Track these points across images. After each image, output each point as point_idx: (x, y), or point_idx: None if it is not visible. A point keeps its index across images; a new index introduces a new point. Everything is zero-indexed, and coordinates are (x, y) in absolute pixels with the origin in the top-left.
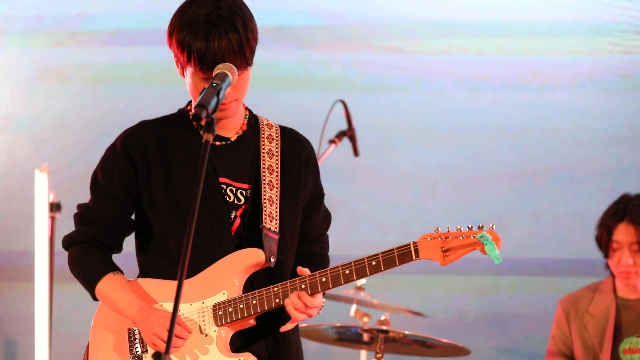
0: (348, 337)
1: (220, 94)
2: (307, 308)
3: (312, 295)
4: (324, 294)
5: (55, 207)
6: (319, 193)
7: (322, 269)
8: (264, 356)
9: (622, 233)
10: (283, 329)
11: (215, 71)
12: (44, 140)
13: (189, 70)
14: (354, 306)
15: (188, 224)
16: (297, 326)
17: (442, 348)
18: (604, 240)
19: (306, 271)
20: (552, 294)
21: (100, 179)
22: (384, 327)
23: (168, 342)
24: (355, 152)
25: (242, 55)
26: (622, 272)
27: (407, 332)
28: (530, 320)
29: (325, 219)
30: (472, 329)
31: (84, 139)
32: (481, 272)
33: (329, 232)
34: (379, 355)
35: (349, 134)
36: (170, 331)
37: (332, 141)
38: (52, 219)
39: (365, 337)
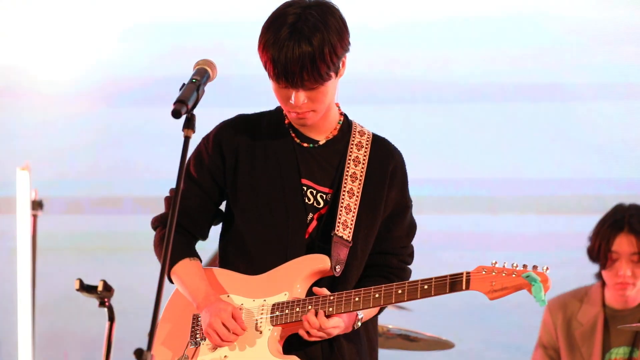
0: None
1: (199, 90)
2: (320, 329)
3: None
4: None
5: (37, 205)
6: (404, 205)
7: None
8: (316, 359)
9: (622, 243)
10: (302, 333)
11: (195, 66)
12: (26, 137)
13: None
14: None
15: (170, 217)
16: (362, 333)
17: (426, 342)
18: (602, 250)
19: (323, 291)
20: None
21: (192, 167)
22: None
23: (150, 338)
24: None
25: (316, 71)
26: (619, 283)
27: (390, 326)
28: (515, 313)
29: (409, 231)
30: (456, 322)
31: (66, 135)
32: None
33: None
34: None
35: None
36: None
37: None
38: (34, 217)
39: None
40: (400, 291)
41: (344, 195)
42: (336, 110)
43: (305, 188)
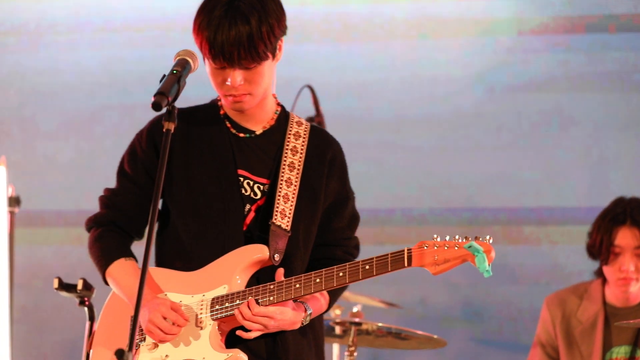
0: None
1: (180, 81)
2: (253, 316)
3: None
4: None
5: (14, 201)
6: (345, 195)
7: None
8: (261, 355)
9: (625, 236)
10: (240, 333)
11: (176, 57)
12: (1, 132)
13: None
14: None
15: (151, 213)
16: (307, 330)
17: (417, 340)
18: (605, 245)
19: (281, 275)
20: (531, 282)
21: (126, 164)
22: (357, 319)
23: (131, 339)
24: None
25: (253, 49)
26: (622, 278)
27: (380, 324)
28: (509, 310)
29: (351, 222)
30: (448, 320)
31: (43, 130)
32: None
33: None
34: (352, 348)
35: (317, 120)
36: (133, 330)
37: None
38: (11, 213)
39: (338, 329)
40: (341, 273)
41: (281, 184)
42: (273, 100)
43: (241, 179)
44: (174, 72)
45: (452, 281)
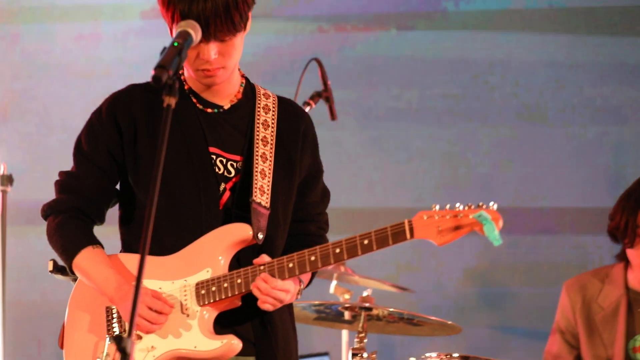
0: (328, 315)
1: (182, 54)
2: (272, 290)
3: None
4: (310, 280)
5: (6, 179)
6: (317, 169)
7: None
8: (249, 339)
9: None
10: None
11: (177, 29)
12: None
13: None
14: (334, 282)
15: (149, 197)
16: (287, 311)
17: (430, 326)
18: (629, 227)
19: (264, 259)
20: (550, 267)
21: (84, 144)
22: (367, 304)
23: (131, 324)
24: (332, 116)
25: (230, 20)
26: None
27: (392, 309)
28: (527, 295)
29: (324, 197)
30: (463, 305)
31: (36, 108)
32: (473, 243)
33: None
34: (362, 334)
35: (324, 95)
36: (133, 313)
37: (306, 103)
38: (4, 192)
39: (347, 315)
40: (338, 250)
41: (257, 160)
42: (238, 72)
43: (214, 157)
44: (175, 44)
45: (468, 265)
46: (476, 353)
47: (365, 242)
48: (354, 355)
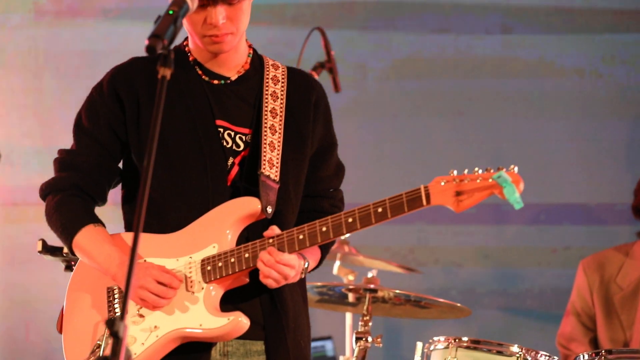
0: (331, 297)
1: (177, 23)
2: (277, 264)
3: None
4: (320, 262)
5: None
6: (330, 142)
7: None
8: (257, 319)
9: None
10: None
11: None
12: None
13: None
14: (337, 262)
15: (144, 171)
16: (299, 291)
17: (439, 308)
18: None
19: (274, 231)
20: (565, 245)
21: (85, 120)
22: (372, 286)
23: (123, 306)
24: (336, 88)
25: None
26: None
27: (398, 291)
28: (541, 276)
29: (338, 171)
30: (473, 286)
31: (27, 81)
32: (483, 220)
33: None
34: (367, 317)
35: (327, 66)
36: (126, 295)
37: None
38: None
39: (351, 297)
40: (350, 219)
41: (265, 132)
42: (245, 42)
43: (221, 130)
44: (170, 12)
45: (479, 244)
46: (487, 337)
47: (380, 210)
48: (357, 339)
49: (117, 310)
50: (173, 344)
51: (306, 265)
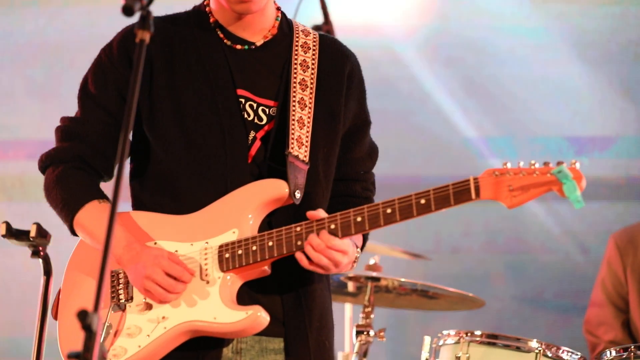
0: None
1: None
2: (327, 249)
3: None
4: (363, 243)
5: None
6: (363, 119)
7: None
8: (276, 314)
9: None
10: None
11: None
12: None
13: None
14: None
15: (120, 145)
16: (326, 285)
17: (449, 299)
18: None
19: (319, 214)
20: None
21: (91, 86)
22: (374, 274)
23: (97, 299)
24: None
25: None
26: None
27: (403, 280)
28: (560, 263)
29: (371, 153)
30: (487, 274)
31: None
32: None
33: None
34: (368, 309)
35: (325, 29)
36: (99, 287)
37: None
38: None
39: (350, 286)
40: (389, 210)
41: (294, 106)
42: (273, 4)
43: (242, 101)
44: None
45: (492, 228)
46: (502, 330)
47: (423, 201)
48: (358, 333)
49: (122, 295)
50: (182, 337)
51: (358, 254)
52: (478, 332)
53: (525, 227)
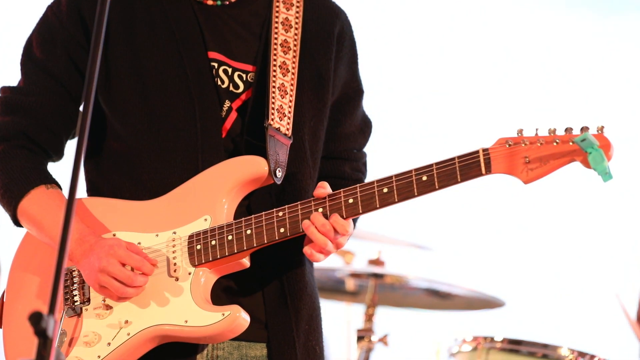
0: (324, 285)
1: None
2: (335, 234)
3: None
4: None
5: None
6: (355, 88)
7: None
8: (258, 315)
9: None
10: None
11: None
12: None
13: None
14: None
15: (80, 121)
16: (312, 279)
17: (463, 299)
18: None
19: (325, 189)
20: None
21: (36, 49)
22: (377, 269)
23: (52, 300)
24: None
25: None
26: None
27: (410, 277)
28: (595, 256)
29: (364, 127)
30: (508, 270)
31: None
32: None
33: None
34: (370, 310)
35: None
36: (56, 283)
37: None
38: None
39: (349, 284)
40: (386, 189)
41: (274, 71)
42: None
43: (215, 65)
44: None
45: (512, 215)
46: (526, 336)
47: (424, 178)
48: (359, 338)
49: (76, 297)
50: (149, 344)
51: (351, 229)
52: (499, 338)
53: (550, 211)
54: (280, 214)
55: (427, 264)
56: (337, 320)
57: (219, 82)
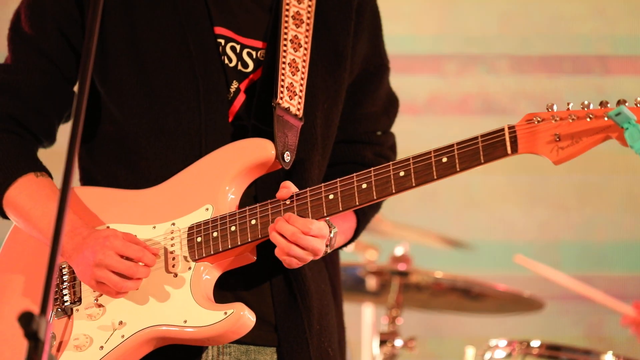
0: (344, 283)
1: None
2: (302, 235)
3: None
4: (355, 234)
5: None
6: (378, 63)
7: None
8: (267, 316)
9: None
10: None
11: None
12: None
13: None
14: None
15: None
16: (327, 275)
17: (497, 300)
18: None
19: (290, 189)
20: None
21: (25, 24)
22: (402, 267)
23: (44, 299)
24: None
25: None
26: None
27: (439, 276)
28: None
29: (389, 106)
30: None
31: None
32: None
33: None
34: (395, 312)
35: None
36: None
37: None
38: None
39: (372, 283)
40: (402, 173)
41: (285, 45)
42: None
43: (222, 41)
44: None
45: (550, 209)
46: (567, 340)
47: (444, 159)
48: (381, 342)
49: (66, 296)
50: (145, 347)
51: (332, 235)
52: (536, 343)
53: (594, 202)
54: (289, 202)
55: (457, 261)
56: (358, 322)
57: (227, 61)
